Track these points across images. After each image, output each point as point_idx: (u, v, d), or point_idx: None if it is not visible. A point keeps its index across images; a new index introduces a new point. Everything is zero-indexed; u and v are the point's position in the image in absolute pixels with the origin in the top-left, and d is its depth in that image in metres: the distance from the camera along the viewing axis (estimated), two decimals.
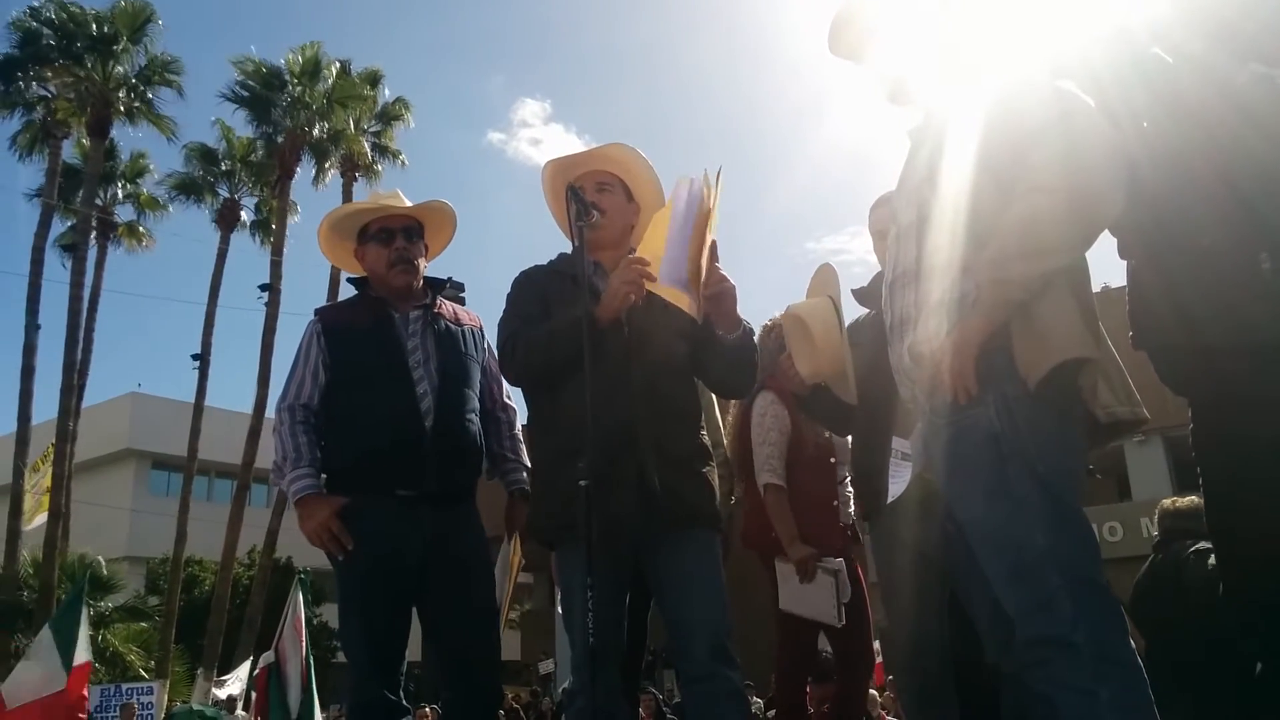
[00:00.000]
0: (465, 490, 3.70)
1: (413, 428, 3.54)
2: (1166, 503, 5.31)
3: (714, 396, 4.09)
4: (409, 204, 3.86)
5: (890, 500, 3.16)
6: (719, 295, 3.10)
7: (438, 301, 3.83)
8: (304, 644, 9.51)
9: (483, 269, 71.67)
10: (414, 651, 3.66)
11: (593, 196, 3.30)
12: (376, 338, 3.66)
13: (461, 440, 3.64)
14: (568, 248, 3.29)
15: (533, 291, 3.35)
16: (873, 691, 11.41)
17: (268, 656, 9.94)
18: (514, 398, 3.97)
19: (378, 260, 3.75)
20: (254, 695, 10.92)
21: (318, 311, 3.83)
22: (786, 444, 4.60)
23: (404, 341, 3.67)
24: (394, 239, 3.75)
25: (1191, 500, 5.37)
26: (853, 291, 4.02)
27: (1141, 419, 2.42)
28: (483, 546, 3.73)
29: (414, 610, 3.60)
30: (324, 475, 3.59)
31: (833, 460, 4.58)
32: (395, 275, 3.73)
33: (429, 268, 3.91)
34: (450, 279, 3.92)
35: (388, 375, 3.60)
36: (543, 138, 78.13)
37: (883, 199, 3.76)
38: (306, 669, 9.44)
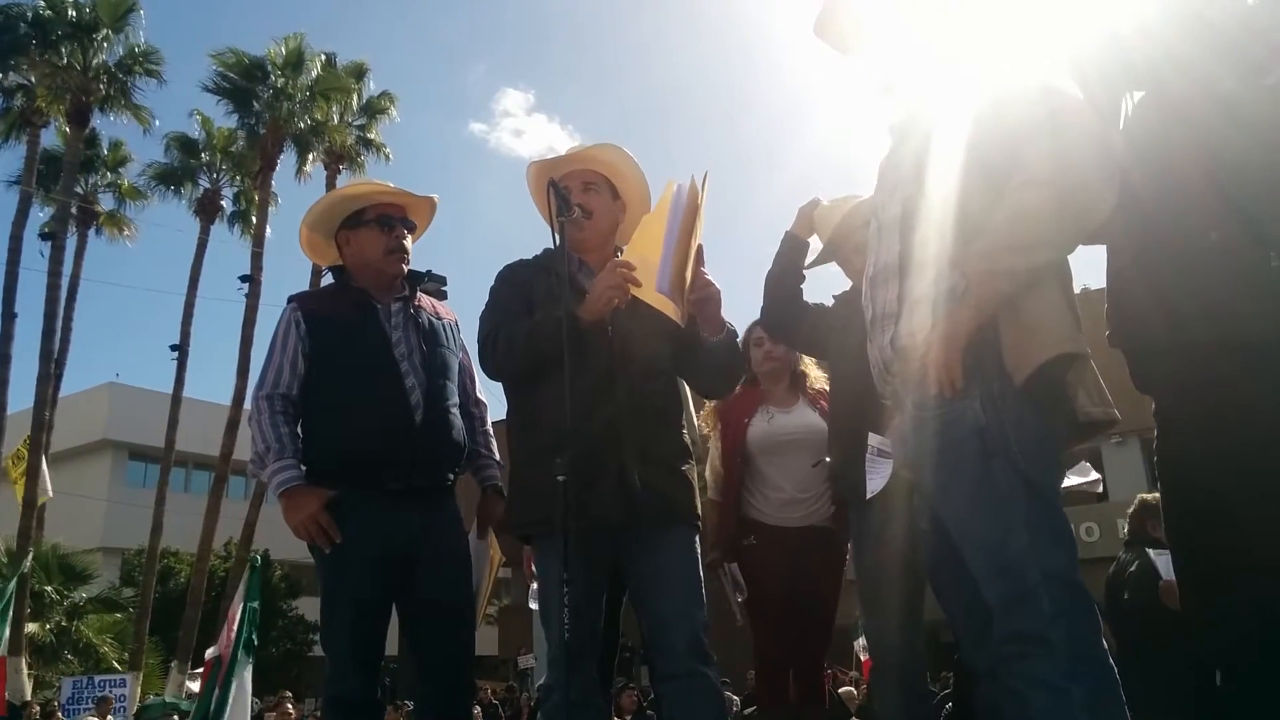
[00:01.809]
0: (449, 485, 3.69)
1: (403, 421, 3.50)
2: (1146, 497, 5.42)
3: (689, 394, 4.10)
4: (406, 191, 3.81)
5: (868, 496, 3.18)
6: (704, 300, 3.11)
7: (416, 294, 3.80)
8: (232, 639, 9.15)
9: (464, 261, 71.52)
10: (391, 645, 3.65)
11: (579, 197, 3.29)
12: (361, 329, 3.60)
13: (449, 434, 3.62)
14: (551, 241, 3.28)
15: (516, 287, 3.33)
16: (850, 689, 11.48)
17: (212, 652, 9.64)
18: (485, 393, 3.98)
19: (374, 245, 3.68)
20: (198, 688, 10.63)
21: (294, 298, 3.74)
22: (719, 456, 4.71)
23: (389, 333, 3.62)
24: (394, 226, 3.70)
25: (1142, 498, 5.51)
26: (834, 298, 4.03)
27: (1113, 419, 2.44)
28: (463, 543, 3.71)
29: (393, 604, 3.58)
30: (303, 467, 3.52)
31: (739, 460, 4.64)
32: (391, 262, 3.68)
33: None
34: (430, 272, 3.90)
35: (376, 367, 3.55)
36: (525, 128, 77.84)
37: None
38: (228, 667, 9.05)
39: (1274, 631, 2.51)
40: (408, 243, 3.75)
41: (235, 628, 8.91)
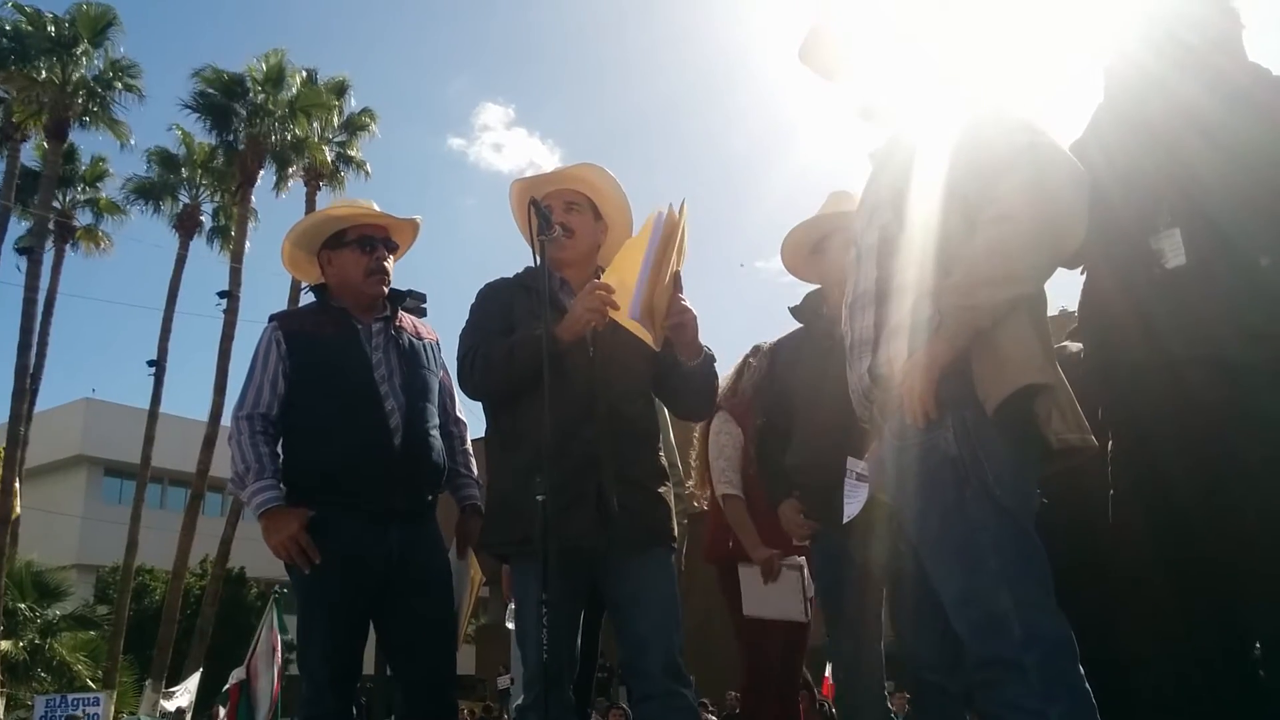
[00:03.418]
0: (429, 506, 3.70)
1: (382, 443, 3.51)
2: None
3: (669, 416, 4.10)
4: (389, 214, 3.83)
5: (846, 520, 3.19)
6: (680, 325, 3.11)
7: (398, 313, 3.81)
8: (278, 662, 9.70)
9: (444, 277, 71.31)
10: (366, 665, 3.64)
11: (561, 216, 3.30)
12: (341, 349, 3.61)
13: (427, 456, 3.63)
14: (532, 259, 3.28)
15: (496, 305, 3.34)
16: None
17: (239, 673, 10.00)
18: (465, 412, 3.98)
19: (355, 267, 3.69)
20: (223, 711, 11.03)
21: (275, 317, 3.74)
22: (740, 457, 4.66)
23: (369, 354, 3.63)
24: (375, 248, 3.72)
25: None
26: (790, 309, 4.03)
27: (1091, 445, 2.46)
28: (444, 562, 3.72)
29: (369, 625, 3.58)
30: (283, 487, 3.52)
31: None
32: (371, 284, 3.69)
33: None
34: (411, 291, 3.90)
35: (355, 389, 3.56)
36: (505, 142, 77.56)
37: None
38: (279, 688, 9.63)
39: (1237, 641, 2.55)
40: (389, 264, 3.76)
41: (279, 659, 9.62)
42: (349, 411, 3.52)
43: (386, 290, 3.76)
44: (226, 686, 10.52)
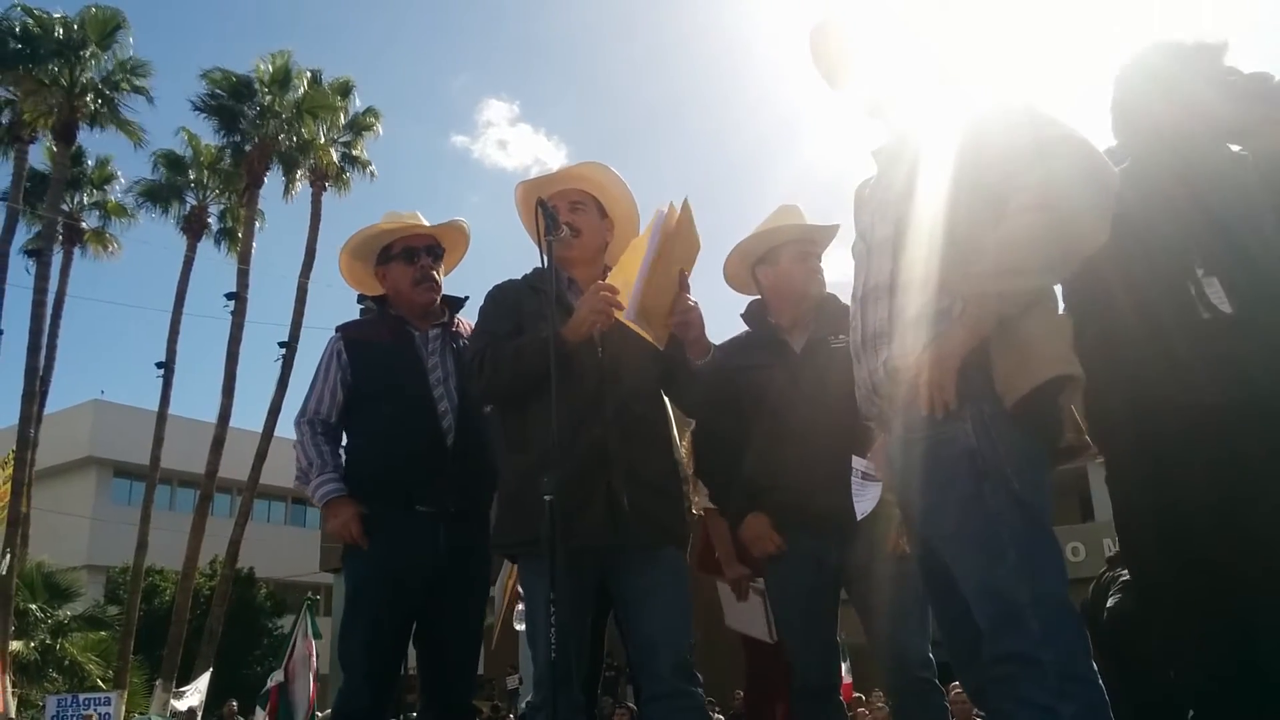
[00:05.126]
0: (482, 508, 3.78)
1: (434, 446, 3.64)
2: None
3: (672, 414, 4.09)
4: (428, 223, 3.96)
5: (860, 518, 3.18)
6: (685, 324, 3.11)
7: (455, 319, 3.92)
8: (314, 666, 10.18)
9: (451, 274, 71.05)
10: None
11: (567, 216, 3.31)
12: (398, 356, 3.76)
13: (480, 459, 3.71)
14: (540, 260, 3.29)
15: (504, 307, 3.35)
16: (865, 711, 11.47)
17: (278, 676, 10.42)
18: None
19: (402, 278, 3.85)
20: (261, 712, 11.38)
21: (340, 328, 3.93)
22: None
23: (424, 360, 3.77)
24: (419, 257, 3.86)
25: None
26: (742, 315, 3.97)
27: (1085, 445, 2.45)
28: (489, 566, 3.82)
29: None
30: (343, 482, 3.68)
31: None
32: (420, 293, 3.84)
33: None
34: (468, 297, 3.98)
35: (409, 393, 3.69)
36: (509, 139, 77.26)
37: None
38: (316, 690, 10.11)
39: (1251, 651, 2.53)
40: (436, 272, 3.89)
41: (314, 663, 10.13)
42: (402, 415, 3.66)
43: (438, 298, 3.88)
44: (266, 688, 10.91)
